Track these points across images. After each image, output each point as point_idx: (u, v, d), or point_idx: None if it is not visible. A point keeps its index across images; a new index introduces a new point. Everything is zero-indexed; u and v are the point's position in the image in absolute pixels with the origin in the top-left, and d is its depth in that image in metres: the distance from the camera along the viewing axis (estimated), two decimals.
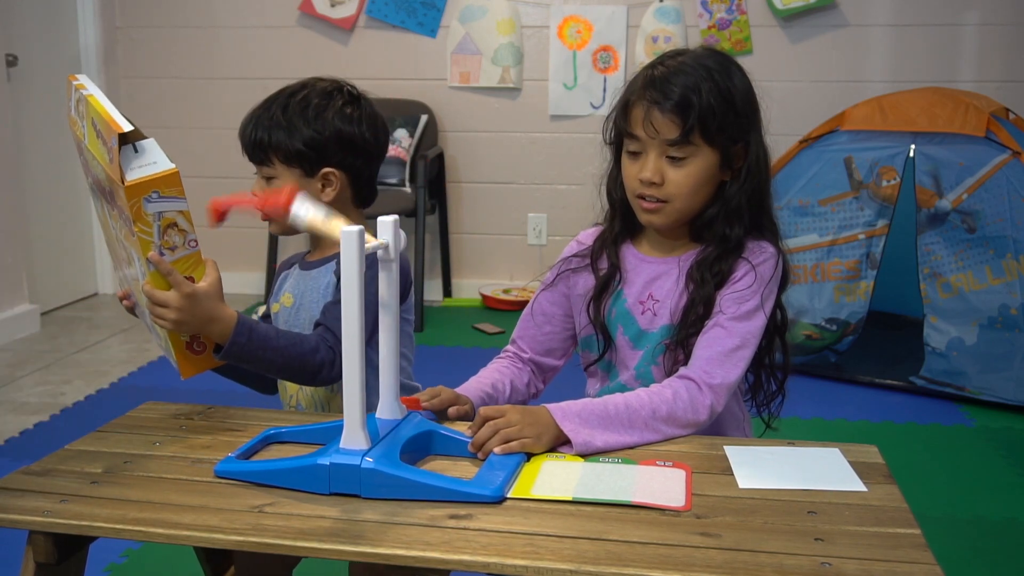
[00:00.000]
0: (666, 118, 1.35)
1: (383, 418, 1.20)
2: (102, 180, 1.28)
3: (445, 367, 3.20)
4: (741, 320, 1.36)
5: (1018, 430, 2.90)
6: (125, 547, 2.12)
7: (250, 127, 1.52)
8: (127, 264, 1.35)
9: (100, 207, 1.37)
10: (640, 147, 1.38)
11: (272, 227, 1.51)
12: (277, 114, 1.50)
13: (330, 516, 1.04)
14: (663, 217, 1.40)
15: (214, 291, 1.32)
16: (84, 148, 1.31)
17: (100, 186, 1.31)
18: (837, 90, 4.07)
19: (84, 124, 1.29)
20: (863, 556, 0.94)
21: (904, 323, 3.57)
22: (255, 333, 1.35)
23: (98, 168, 1.27)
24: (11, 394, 3.22)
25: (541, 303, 1.54)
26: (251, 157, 1.53)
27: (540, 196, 4.45)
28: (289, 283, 1.59)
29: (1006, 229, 3.01)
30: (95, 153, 1.26)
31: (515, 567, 0.94)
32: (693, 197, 1.38)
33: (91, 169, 1.32)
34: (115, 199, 1.26)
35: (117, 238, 1.34)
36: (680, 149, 1.36)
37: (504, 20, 4.28)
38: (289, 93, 1.54)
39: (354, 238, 1.06)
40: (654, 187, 1.37)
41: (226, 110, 4.53)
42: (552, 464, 1.17)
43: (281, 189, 1.30)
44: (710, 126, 1.35)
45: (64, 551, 1.09)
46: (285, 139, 1.49)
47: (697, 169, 1.37)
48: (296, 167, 1.51)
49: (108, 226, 1.38)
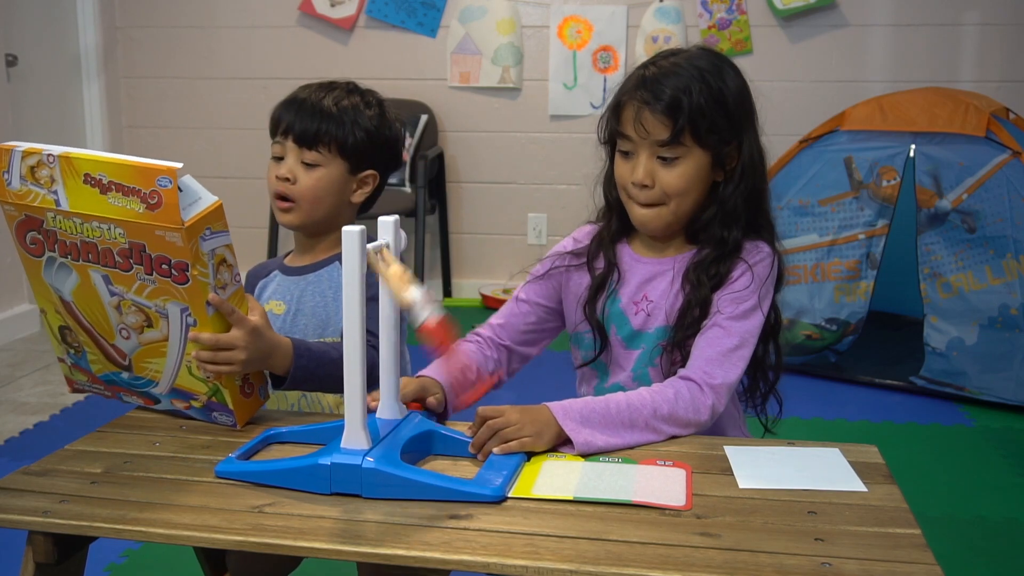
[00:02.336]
0: (656, 119, 1.35)
1: (383, 418, 1.20)
2: (111, 239, 1.17)
3: None
4: (739, 320, 1.36)
5: (1018, 430, 2.90)
6: (125, 547, 2.12)
7: (305, 112, 1.50)
8: (135, 331, 1.24)
9: (68, 284, 1.24)
10: (632, 147, 1.39)
11: (288, 217, 1.51)
12: (335, 106, 1.50)
13: (330, 516, 1.04)
14: (657, 218, 1.40)
15: (266, 321, 1.30)
16: (51, 218, 1.19)
17: (93, 251, 1.19)
18: (837, 90, 4.07)
19: (58, 188, 1.17)
20: (863, 556, 0.94)
21: (904, 323, 3.57)
22: (312, 352, 1.35)
23: (99, 230, 1.17)
24: (11, 394, 3.22)
25: (529, 293, 1.53)
26: (301, 140, 1.50)
27: (540, 196, 4.45)
28: (273, 290, 1.57)
29: (1006, 229, 3.01)
30: (97, 212, 1.16)
31: (515, 567, 0.94)
32: (685, 198, 1.38)
33: (66, 237, 1.19)
34: (138, 256, 1.17)
35: (119, 306, 1.23)
36: (670, 150, 1.36)
37: (504, 20, 4.28)
38: (339, 88, 1.54)
39: (355, 238, 1.06)
40: (645, 189, 1.38)
41: (226, 110, 4.54)
42: (553, 464, 1.17)
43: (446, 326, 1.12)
44: (700, 127, 1.35)
45: (64, 551, 1.09)
46: (347, 132, 1.50)
47: (688, 170, 1.37)
48: (345, 161, 1.51)
49: (89, 301, 1.24)
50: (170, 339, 1.24)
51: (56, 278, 1.25)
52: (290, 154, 1.51)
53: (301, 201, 1.51)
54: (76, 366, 1.34)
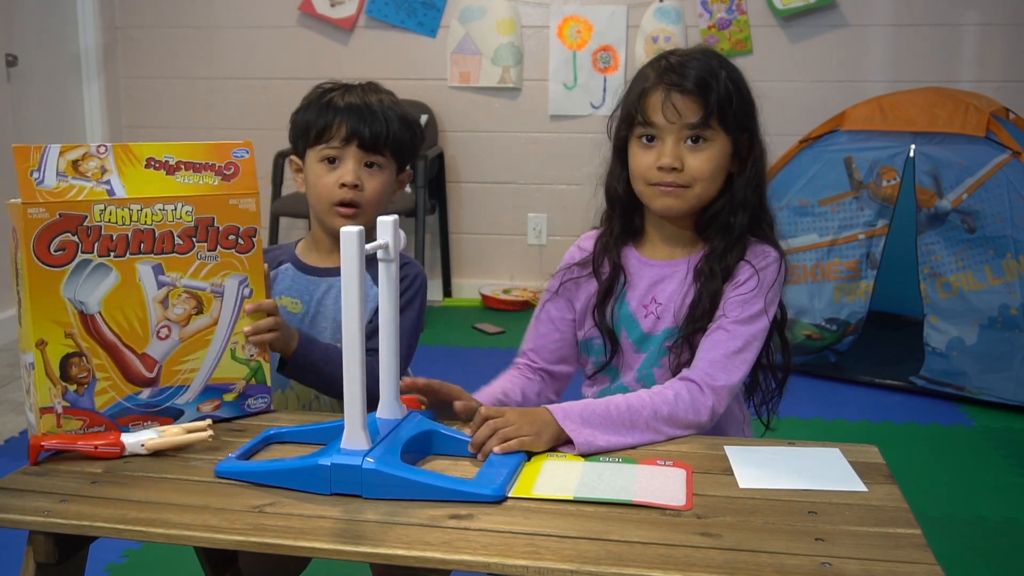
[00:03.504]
0: (688, 100, 1.35)
1: (383, 418, 1.20)
2: (175, 220, 1.24)
3: (445, 367, 3.19)
4: (744, 323, 1.36)
5: (1018, 430, 2.90)
6: (125, 547, 2.12)
7: (366, 116, 1.48)
8: (179, 325, 1.27)
9: (100, 290, 1.22)
10: (657, 132, 1.38)
11: (351, 224, 1.53)
12: (388, 109, 1.50)
13: (331, 516, 1.04)
14: (682, 201, 1.39)
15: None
16: (99, 211, 1.20)
17: (148, 239, 1.23)
18: (837, 90, 4.07)
19: (111, 177, 1.21)
20: (864, 556, 0.94)
21: (904, 323, 3.57)
22: (318, 344, 1.43)
23: (161, 212, 1.23)
24: (11, 394, 3.22)
25: (548, 311, 1.53)
26: (368, 146, 1.48)
27: (540, 196, 4.45)
28: (287, 286, 1.55)
29: (1006, 229, 3.00)
30: (161, 192, 1.23)
31: (516, 567, 0.94)
32: (709, 184, 1.38)
33: (114, 231, 1.21)
34: (204, 232, 1.26)
35: (166, 298, 1.26)
36: (701, 131, 1.36)
37: (504, 20, 4.28)
38: (377, 89, 1.54)
39: (353, 239, 1.06)
40: (674, 172, 1.37)
41: (226, 110, 4.53)
42: (553, 463, 1.17)
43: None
44: (727, 111, 1.36)
45: (64, 551, 1.09)
46: (403, 134, 1.51)
47: (715, 154, 1.37)
48: (396, 163, 1.53)
49: (124, 304, 1.23)
50: (220, 320, 1.30)
51: (83, 288, 1.22)
52: (351, 159, 1.48)
53: (367, 206, 1.49)
54: (71, 410, 1.24)
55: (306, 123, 1.51)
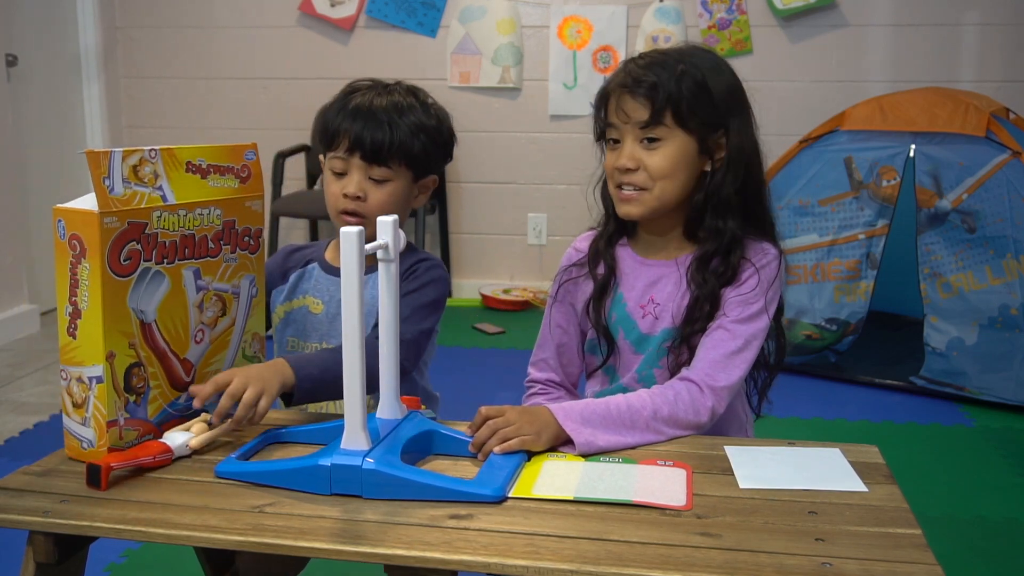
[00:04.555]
0: (636, 101, 1.36)
1: (383, 418, 1.20)
2: (208, 224, 1.24)
3: (445, 367, 3.19)
4: (744, 323, 1.36)
5: (1018, 430, 2.90)
6: (125, 547, 2.12)
7: (370, 125, 1.44)
8: (209, 327, 1.27)
9: (156, 298, 1.20)
10: (618, 134, 1.39)
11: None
12: (398, 115, 1.45)
13: (331, 516, 1.04)
14: (640, 206, 1.39)
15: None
16: (156, 218, 1.18)
17: (191, 244, 1.22)
18: (837, 90, 4.07)
19: (163, 183, 1.19)
20: (864, 556, 0.94)
21: (904, 323, 3.58)
22: (311, 360, 1.36)
23: (199, 217, 1.22)
24: (11, 394, 3.22)
25: (555, 317, 1.53)
26: (370, 158, 1.44)
27: (540, 196, 4.45)
28: (311, 285, 1.54)
29: (1006, 229, 3.01)
30: (199, 196, 1.23)
31: (516, 567, 0.94)
32: (670, 183, 1.38)
33: (167, 237, 1.19)
34: (228, 234, 1.26)
35: (201, 302, 1.25)
36: (652, 131, 1.36)
37: (504, 20, 4.28)
38: (395, 92, 1.50)
39: (353, 239, 1.06)
40: (630, 173, 1.38)
41: (226, 110, 4.53)
42: (553, 464, 1.17)
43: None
44: (681, 109, 1.35)
45: (64, 551, 1.09)
46: (413, 142, 1.45)
47: (671, 152, 1.37)
48: (410, 171, 1.48)
49: (173, 312, 1.22)
50: (236, 319, 1.32)
51: (144, 296, 1.19)
52: (356, 171, 1.45)
53: (371, 216, 1.43)
54: (131, 421, 1.21)
55: (323, 126, 1.49)
